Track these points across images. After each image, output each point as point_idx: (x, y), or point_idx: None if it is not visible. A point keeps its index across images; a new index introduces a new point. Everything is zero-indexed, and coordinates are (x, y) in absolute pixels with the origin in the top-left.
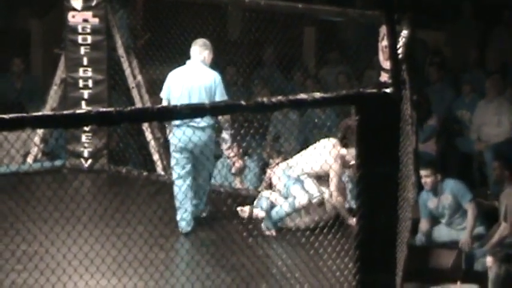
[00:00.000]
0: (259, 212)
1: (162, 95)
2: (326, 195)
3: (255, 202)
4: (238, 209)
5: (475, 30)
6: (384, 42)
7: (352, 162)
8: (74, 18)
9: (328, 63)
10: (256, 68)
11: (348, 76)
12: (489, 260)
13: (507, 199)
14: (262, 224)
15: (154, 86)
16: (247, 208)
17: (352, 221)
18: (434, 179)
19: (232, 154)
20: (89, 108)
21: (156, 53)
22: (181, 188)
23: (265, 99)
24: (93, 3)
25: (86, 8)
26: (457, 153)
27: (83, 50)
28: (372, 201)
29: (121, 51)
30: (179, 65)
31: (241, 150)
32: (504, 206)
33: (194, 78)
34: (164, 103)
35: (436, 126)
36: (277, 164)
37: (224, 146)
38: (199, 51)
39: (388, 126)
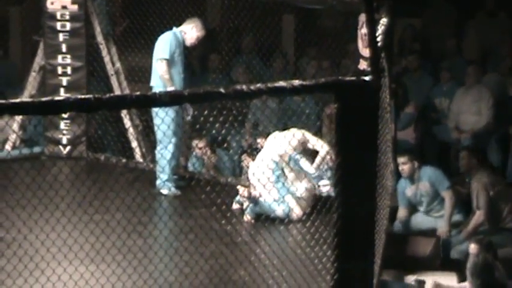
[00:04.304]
0: (257, 194)
1: None
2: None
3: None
4: (239, 187)
5: (453, 17)
6: (363, 30)
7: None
8: (53, 4)
9: (307, 55)
10: (235, 55)
11: (331, 62)
12: (473, 246)
13: (477, 187)
14: (248, 210)
15: (133, 73)
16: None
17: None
18: (411, 166)
19: (200, 145)
20: (68, 95)
21: (135, 40)
22: None
23: (244, 87)
24: None
25: None
26: (435, 141)
27: (61, 37)
28: (350, 189)
29: (100, 38)
30: None
31: (211, 143)
32: (475, 194)
33: None
34: None
35: (414, 114)
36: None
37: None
38: (185, 23)
39: (367, 114)
